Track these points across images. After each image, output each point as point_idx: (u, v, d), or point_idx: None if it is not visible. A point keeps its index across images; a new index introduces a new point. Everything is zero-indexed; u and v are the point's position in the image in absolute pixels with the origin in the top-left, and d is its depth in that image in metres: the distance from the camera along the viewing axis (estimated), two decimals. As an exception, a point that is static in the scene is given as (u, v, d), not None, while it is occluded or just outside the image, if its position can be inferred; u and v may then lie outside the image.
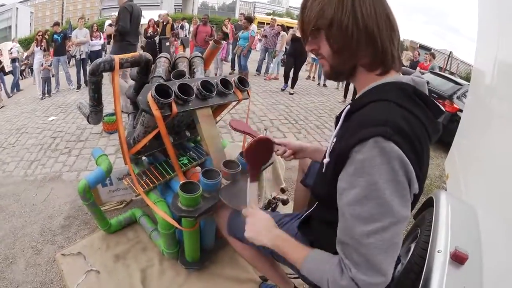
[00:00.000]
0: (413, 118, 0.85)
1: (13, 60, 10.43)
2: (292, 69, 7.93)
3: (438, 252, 1.56)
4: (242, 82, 2.02)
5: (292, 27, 15.14)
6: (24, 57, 11.94)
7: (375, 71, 0.95)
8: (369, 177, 0.80)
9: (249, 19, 9.06)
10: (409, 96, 0.88)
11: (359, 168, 0.81)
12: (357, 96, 0.99)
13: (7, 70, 10.89)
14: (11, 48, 11.17)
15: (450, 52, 17.74)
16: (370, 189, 0.80)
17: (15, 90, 9.58)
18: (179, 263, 2.07)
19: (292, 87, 8.07)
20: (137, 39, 4.96)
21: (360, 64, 0.95)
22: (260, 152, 1.23)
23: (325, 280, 0.90)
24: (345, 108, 1.00)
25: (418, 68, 7.95)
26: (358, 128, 0.84)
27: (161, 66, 1.98)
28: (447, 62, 17.24)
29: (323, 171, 1.01)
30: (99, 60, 1.81)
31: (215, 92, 1.82)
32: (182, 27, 11.89)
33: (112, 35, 5.35)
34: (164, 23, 9.94)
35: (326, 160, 0.99)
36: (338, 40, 0.91)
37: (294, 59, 7.77)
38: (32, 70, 9.96)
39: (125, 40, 4.75)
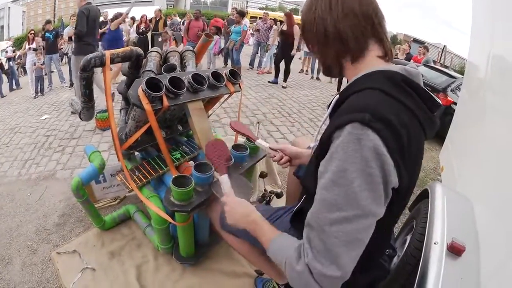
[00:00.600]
0: (401, 107, 0.84)
1: (9, 59, 10.34)
2: (283, 62, 7.95)
3: (435, 243, 1.55)
4: (234, 75, 2.00)
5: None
6: (16, 56, 11.85)
7: (355, 62, 0.96)
8: (340, 163, 0.78)
9: (241, 13, 9.13)
10: (398, 85, 0.87)
11: (334, 152, 0.81)
12: (346, 85, 0.98)
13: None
14: (7, 47, 11.09)
15: (444, 46, 17.81)
16: (339, 175, 0.78)
17: (14, 87, 9.49)
18: (174, 258, 2.06)
19: (285, 80, 8.07)
20: (95, 39, 5.34)
21: (343, 59, 0.98)
22: (217, 150, 1.44)
23: (283, 262, 0.90)
24: (334, 97, 1.00)
25: (411, 61, 7.94)
26: (339, 115, 0.85)
27: (152, 60, 1.96)
28: (441, 55, 17.30)
29: (311, 157, 1.01)
30: (90, 55, 1.79)
31: (206, 85, 1.80)
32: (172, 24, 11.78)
33: (73, 37, 5.70)
34: (157, 19, 9.91)
35: (312, 144, 1.00)
36: (311, 39, 1.02)
37: (282, 52, 7.86)
38: (25, 69, 9.88)
39: (82, 41, 5.02)
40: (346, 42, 0.93)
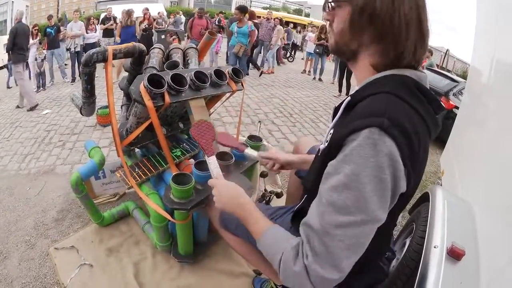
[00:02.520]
0: (414, 112, 0.83)
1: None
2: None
3: (435, 247, 1.54)
4: (236, 73, 1.99)
5: (289, 22, 15.07)
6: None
7: (381, 64, 0.91)
8: (354, 166, 0.77)
9: (242, 9, 7.47)
10: (411, 90, 0.86)
11: (348, 155, 0.79)
12: (357, 88, 0.96)
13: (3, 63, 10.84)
14: None
15: (447, 50, 17.79)
16: (352, 179, 0.77)
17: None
18: (172, 256, 2.06)
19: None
20: (26, 50, 6.55)
21: (366, 52, 0.93)
22: (203, 132, 1.40)
23: (278, 259, 0.89)
24: (345, 99, 0.97)
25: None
26: (356, 118, 0.82)
27: (154, 57, 1.96)
28: (444, 59, 17.28)
29: (317, 158, 1.00)
30: (92, 50, 1.79)
31: (209, 83, 1.80)
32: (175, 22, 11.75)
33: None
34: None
35: (322, 146, 0.98)
36: (360, 24, 0.88)
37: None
38: (27, 64, 9.86)
39: (16, 52, 6.21)
40: (399, 46, 0.87)
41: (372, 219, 0.78)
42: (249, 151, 1.59)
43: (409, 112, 0.82)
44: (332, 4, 0.93)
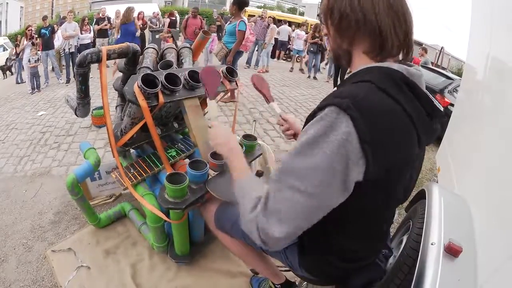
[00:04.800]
0: (393, 104, 0.82)
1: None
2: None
3: (432, 244, 1.54)
4: (231, 73, 1.99)
5: (283, 20, 15.04)
6: (13, 53, 11.75)
7: (373, 57, 0.93)
8: (308, 137, 0.80)
9: (237, 3, 5.49)
10: (394, 82, 0.85)
11: (307, 128, 0.83)
12: (345, 78, 0.98)
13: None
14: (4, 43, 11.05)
15: (442, 47, 17.83)
16: (305, 147, 0.80)
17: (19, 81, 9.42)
18: (169, 257, 2.05)
19: None
20: None
21: (357, 50, 0.95)
22: (212, 76, 1.53)
23: (241, 205, 0.95)
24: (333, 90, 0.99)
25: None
26: (326, 99, 0.87)
27: (148, 57, 1.95)
28: (439, 57, 17.33)
29: None
30: (86, 51, 1.79)
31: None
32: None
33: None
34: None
35: None
36: (337, 24, 0.94)
37: None
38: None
39: None
40: (383, 39, 0.89)
41: (314, 194, 0.79)
42: (273, 105, 1.64)
43: (386, 101, 0.82)
44: (322, 19, 1.01)
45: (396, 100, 0.83)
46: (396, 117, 0.82)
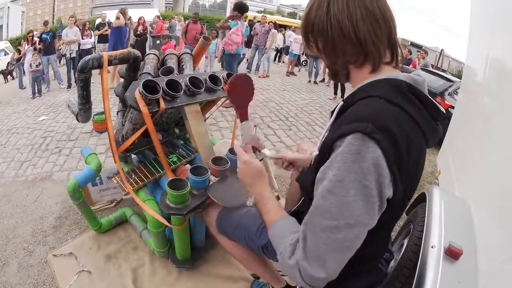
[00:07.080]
0: (405, 116, 0.83)
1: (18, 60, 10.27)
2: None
3: (432, 247, 1.54)
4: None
5: (283, 25, 15.04)
6: (14, 57, 11.78)
7: (364, 67, 0.93)
8: (338, 172, 0.79)
9: (238, 7, 5.95)
10: (403, 93, 0.85)
11: (333, 161, 0.81)
12: (352, 92, 0.97)
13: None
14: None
15: (442, 50, 17.82)
16: (335, 185, 0.79)
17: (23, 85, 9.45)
18: (170, 261, 2.05)
19: None
20: None
21: (349, 62, 0.94)
22: (242, 89, 1.30)
23: (279, 251, 0.94)
24: (338, 104, 0.99)
25: (418, 66, 7.93)
26: (342, 124, 0.84)
27: (149, 63, 1.96)
28: (439, 59, 17.32)
29: (311, 166, 1.01)
30: (87, 57, 1.79)
31: (204, 88, 1.80)
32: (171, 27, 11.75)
33: None
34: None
35: (315, 153, 0.99)
36: (320, 41, 0.94)
37: None
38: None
39: None
40: (364, 46, 0.88)
41: (356, 223, 0.79)
42: (265, 151, 1.70)
43: (399, 115, 0.82)
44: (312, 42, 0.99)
45: (409, 114, 0.83)
46: (412, 132, 0.84)
